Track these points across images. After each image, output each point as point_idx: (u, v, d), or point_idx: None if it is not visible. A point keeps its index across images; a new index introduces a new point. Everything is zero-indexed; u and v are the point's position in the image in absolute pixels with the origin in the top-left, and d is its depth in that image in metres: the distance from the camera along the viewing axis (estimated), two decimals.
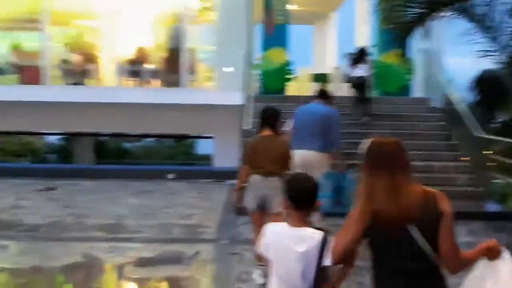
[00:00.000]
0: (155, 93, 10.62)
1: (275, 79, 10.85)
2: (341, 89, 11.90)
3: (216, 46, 10.94)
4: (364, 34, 12.53)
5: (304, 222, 2.23)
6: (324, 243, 2.13)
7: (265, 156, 4.24)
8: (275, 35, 10.96)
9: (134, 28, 11.11)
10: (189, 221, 6.57)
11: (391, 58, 10.85)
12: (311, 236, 2.17)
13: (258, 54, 11.28)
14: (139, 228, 6.19)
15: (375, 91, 10.50)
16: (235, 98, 9.55)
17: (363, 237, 2.06)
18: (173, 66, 10.82)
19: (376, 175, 2.03)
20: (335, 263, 2.12)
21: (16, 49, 10.84)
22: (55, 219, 6.51)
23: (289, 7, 11.18)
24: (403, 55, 10.59)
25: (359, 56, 9.19)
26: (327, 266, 2.13)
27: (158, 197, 7.99)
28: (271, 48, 10.89)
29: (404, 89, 10.96)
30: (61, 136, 20.71)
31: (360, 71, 9.01)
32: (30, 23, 10.82)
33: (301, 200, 2.22)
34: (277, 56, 10.93)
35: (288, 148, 4.47)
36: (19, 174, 9.60)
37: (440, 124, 9.34)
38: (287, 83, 11.02)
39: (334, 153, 5.46)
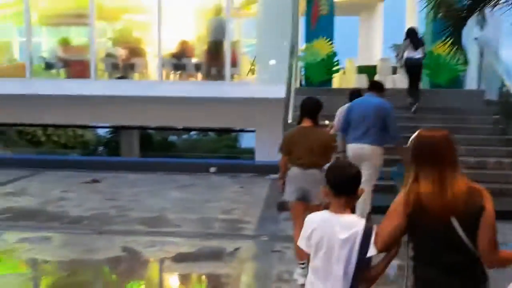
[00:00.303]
0: (198, 86, 10.60)
1: (319, 71, 10.57)
2: (389, 81, 11.53)
3: (259, 38, 10.79)
4: (414, 23, 12.01)
5: (346, 209, 2.20)
6: (367, 231, 2.12)
7: (304, 148, 4.14)
8: (320, 26, 10.66)
9: (178, 21, 11.13)
10: (230, 216, 6.48)
11: (442, 48, 10.32)
12: (354, 223, 2.15)
13: (302, 46, 11.04)
14: (180, 222, 6.15)
15: (424, 83, 10.07)
16: (278, 91, 9.35)
17: (406, 227, 2.06)
18: (216, 59, 10.75)
19: (422, 167, 2.04)
20: (379, 251, 2.10)
21: (63, 44, 11.08)
22: (98, 212, 6.58)
23: None
24: (455, 45, 10.10)
25: (417, 39, 8.88)
26: (370, 255, 2.10)
27: (200, 191, 7.95)
28: (315, 40, 10.62)
29: (456, 81, 10.41)
30: (109, 129, 21.27)
31: (418, 54, 8.79)
32: (77, 18, 11.03)
33: (341, 187, 2.20)
34: (321, 48, 10.64)
35: (330, 139, 4.37)
36: (67, 166, 9.85)
37: (494, 117, 8.80)
38: (332, 75, 10.72)
39: (397, 146, 5.26)
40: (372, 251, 2.10)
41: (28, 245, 5.21)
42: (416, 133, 2.14)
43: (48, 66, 11.07)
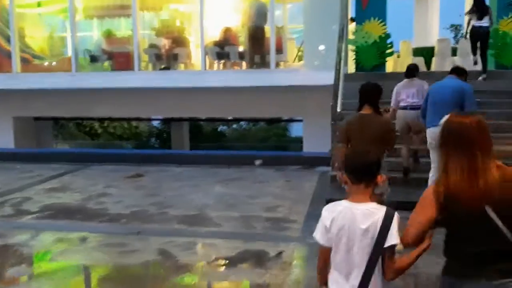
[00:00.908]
0: (243, 75, 10.16)
1: (371, 55, 9.86)
2: (448, 63, 10.66)
3: (306, 23, 10.18)
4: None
5: (366, 197, 2.13)
6: (387, 219, 2.04)
7: (363, 136, 3.96)
8: (371, 7, 9.92)
9: (220, 8, 10.71)
10: (274, 214, 6.03)
11: (509, 26, 9.35)
12: (374, 211, 2.08)
13: (352, 28, 10.35)
14: (220, 220, 5.77)
15: (489, 63, 9.14)
16: (327, 77, 8.75)
17: (438, 218, 1.97)
18: (260, 46, 10.26)
19: (451, 155, 1.96)
20: (409, 245, 2.02)
21: (107, 36, 10.96)
22: (137, 209, 6.33)
23: None
24: None
25: (483, 6, 8.34)
26: (393, 245, 2.02)
27: (244, 186, 7.56)
28: (366, 21, 9.90)
29: None
30: (160, 121, 21.40)
31: (484, 22, 8.32)
32: (120, 9, 10.87)
33: (359, 173, 2.14)
34: (373, 29, 9.91)
35: (390, 127, 4.21)
36: (114, 160, 9.76)
37: None
38: (385, 59, 9.98)
39: None
40: (393, 240, 2.01)
41: (63, 246, 5.01)
42: (445, 118, 2.05)
43: (93, 59, 10.98)
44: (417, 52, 11.89)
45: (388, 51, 10.01)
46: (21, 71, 10.93)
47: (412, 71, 6.61)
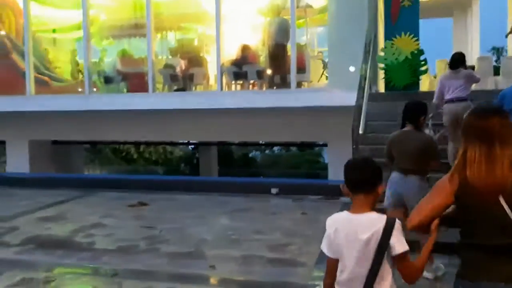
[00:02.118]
0: (260, 96, 9.38)
1: (403, 73, 8.89)
2: (490, 82, 9.62)
3: (330, 38, 9.38)
4: None
5: (367, 207, 2.09)
6: (387, 227, 2.01)
7: (404, 153, 4.05)
8: (402, 21, 9.03)
9: (239, 25, 10.08)
10: (281, 254, 5.12)
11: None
12: (374, 221, 2.05)
13: (382, 45, 9.46)
14: (216, 261, 4.91)
15: None
16: (353, 98, 7.88)
17: (450, 206, 1.96)
18: (281, 65, 9.50)
19: (470, 144, 1.94)
20: (412, 228, 2.03)
21: (121, 56, 10.50)
22: (126, 244, 5.56)
23: None
24: None
25: None
26: (403, 252, 1.99)
27: (254, 218, 6.70)
28: (397, 37, 9.00)
29: None
30: (192, 145, 20.93)
31: None
32: (135, 29, 10.41)
33: (358, 184, 2.10)
34: (404, 45, 8.97)
35: (432, 145, 4.12)
36: (124, 186, 9.14)
37: None
38: (419, 77, 9.00)
39: None
40: (401, 248, 1.99)
41: None
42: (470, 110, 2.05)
43: (107, 80, 10.52)
44: None
45: (422, 68, 9.05)
46: (35, 93, 10.59)
47: (456, 62, 6.03)
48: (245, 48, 9.58)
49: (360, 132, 6.18)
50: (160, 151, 24.17)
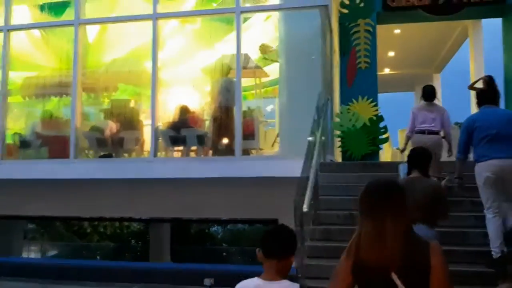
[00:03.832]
0: (200, 164, 8.11)
1: (361, 141, 7.90)
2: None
3: (281, 99, 8.40)
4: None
5: (279, 274, 2.16)
6: None
7: (412, 201, 3.34)
8: (359, 84, 8.19)
9: (180, 85, 9.02)
10: None
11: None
12: None
13: (337, 109, 8.52)
14: None
15: None
16: (313, 167, 6.71)
17: (353, 283, 1.98)
18: (227, 130, 8.34)
19: (364, 218, 1.96)
20: None
21: (41, 117, 9.15)
22: None
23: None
24: None
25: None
26: None
27: None
28: (354, 101, 8.09)
29: None
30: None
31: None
32: (60, 87, 9.16)
33: (273, 249, 2.17)
34: (363, 110, 8.06)
35: (442, 192, 3.99)
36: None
37: None
38: (378, 146, 8.00)
39: None
40: None
41: None
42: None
43: (24, 144, 9.05)
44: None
45: (382, 136, 8.07)
46: None
47: (430, 94, 6.02)
48: (184, 110, 8.40)
49: (305, 209, 4.92)
50: (116, 225, 22.46)
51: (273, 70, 9.69)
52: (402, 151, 6.34)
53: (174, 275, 6.90)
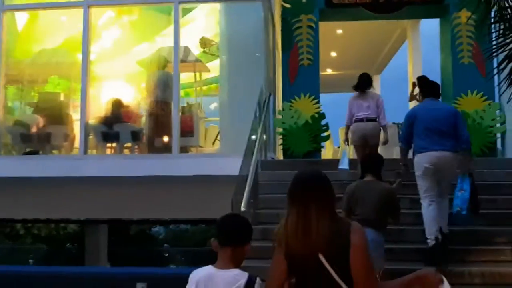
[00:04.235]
0: (135, 162, 7.64)
1: (303, 139, 7.77)
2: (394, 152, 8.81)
3: (221, 97, 8.11)
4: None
5: (232, 263, 2.19)
6: (249, 285, 2.12)
7: (365, 204, 3.95)
8: (301, 81, 8.03)
9: (114, 78, 8.50)
10: None
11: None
12: (236, 278, 2.14)
13: (280, 106, 8.34)
14: None
15: None
16: (252, 165, 6.44)
17: (289, 274, 2.05)
18: (164, 126, 7.92)
19: (291, 205, 2.05)
20: None
21: None
22: None
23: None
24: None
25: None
26: None
27: None
28: (296, 98, 7.93)
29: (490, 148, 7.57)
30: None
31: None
32: None
33: (227, 237, 2.19)
34: (305, 108, 7.93)
35: (395, 195, 4.14)
36: None
37: None
38: (320, 144, 7.89)
39: (466, 153, 4.75)
40: None
41: None
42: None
43: None
44: None
45: (324, 134, 7.98)
46: None
47: (364, 83, 6.10)
48: (117, 104, 7.90)
49: (243, 208, 4.67)
50: (51, 226, 21.22)
51: (217, 67, 9.39)
52: (345, 141, 6.46)
53: (104, 279, 6.40)
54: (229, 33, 8.20)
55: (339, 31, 11.25)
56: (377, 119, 5.97)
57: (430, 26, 10.14)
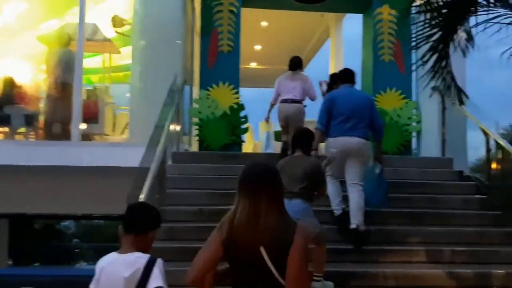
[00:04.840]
0: (29, 149, 6.73)
1: (220, 131, 7.26)
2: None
3: (133, 83, 7.39)
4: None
5: (134, 248, 2.24)
6: (149, 265, 2.18)
7: (292, 177, 3.95)
8: (220, 67, 7.50)
9: (11, 56, 7.50)
10: None
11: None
12: (137, 260, 2.20)
13: (197, 94, 7.78)
14: None
15: None
16: (156, 157, 5.81)
17: (222, 255, 2.07)
18: (64, 111, 7.06)
19: (242, 197, 2.07)
20: (192, 281, 2.06)
21: None
22: None
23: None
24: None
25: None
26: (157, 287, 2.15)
27: None
28: (214, 86, 7.40)
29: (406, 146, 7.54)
30: None
31: None
32: None
33: (130, 225, 2.26)
34: (223, 97, 7.42)
35: (320, 170, 4.20)
36: None
37: (478, 199, 5.77)
38: (239, 137, 7.43)
39: (378, 142, 5.09)
40: (156, 282, 2.15)
41: None
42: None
43: None
44: (278, 135, 9.64)
45: (243, 126, 7.53)
46: None
47: (295, 65, 6.48)
48: (8, 83, 6.92)
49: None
50: None
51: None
52: (267, 120, 6.94)
53: None
54: (143, 13, 7.49)
55: (264, 24, 10.91)
56: (301, 102, 6.27)
57: (353, 23, 10.08)
